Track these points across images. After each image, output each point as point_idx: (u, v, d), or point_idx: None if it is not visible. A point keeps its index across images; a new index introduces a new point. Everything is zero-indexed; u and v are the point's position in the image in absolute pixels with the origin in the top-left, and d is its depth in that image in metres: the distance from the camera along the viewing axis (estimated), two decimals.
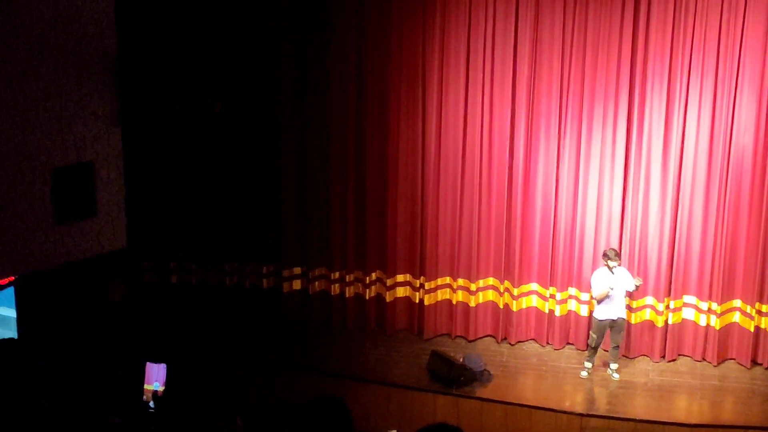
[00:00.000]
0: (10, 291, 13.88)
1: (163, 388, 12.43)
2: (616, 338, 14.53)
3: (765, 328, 14.94)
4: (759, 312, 14.90)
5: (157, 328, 15.27)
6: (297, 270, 16.50)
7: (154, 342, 14.27)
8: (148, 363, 12.83)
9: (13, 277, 13.51)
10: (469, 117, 15.35)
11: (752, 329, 14.92)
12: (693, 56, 14.46)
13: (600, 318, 14.39)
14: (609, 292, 14.13)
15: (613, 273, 14.14)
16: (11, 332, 13.99)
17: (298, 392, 14.22)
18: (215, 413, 12.06)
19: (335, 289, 16.37)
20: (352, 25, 15.46)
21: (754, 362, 15.10)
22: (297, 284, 16.55)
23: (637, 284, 14.31)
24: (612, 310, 14.28)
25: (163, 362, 12.70)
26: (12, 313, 14.22)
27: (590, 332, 14.66)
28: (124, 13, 13.90)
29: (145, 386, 12.56)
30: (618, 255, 14.30)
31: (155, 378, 12.72)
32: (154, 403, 11.17)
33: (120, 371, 12.99)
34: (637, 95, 14.76)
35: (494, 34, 15.07)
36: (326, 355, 15.57)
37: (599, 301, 14.31)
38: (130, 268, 16.08)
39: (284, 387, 14.60)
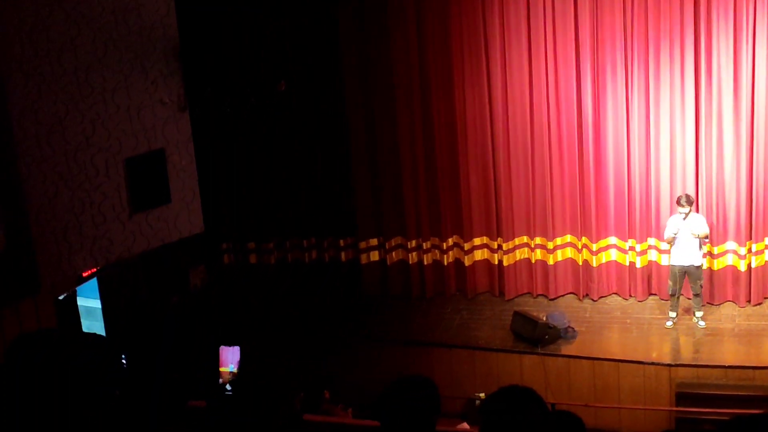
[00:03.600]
0: (94, 282, 14.07)
1: (237, 370, 12.58)
2: (694, 286, 14.37)
3: None
4: None
5: (237, 310, 15.41)
6: (373, 241, 16.55)
7: (230, 325, 14.42)
8: (222, 346, 12.98)
9: (96, 269, 13.69)
10: (534, 75, 15.25)
11: None
12: None
13: (672, 263, 14.32)
14: (674, 236, 14.00)
15: (685, 219, 13.99)
16: (98, 322, 14.19)
17: (383, 364, 14.29)
18: (300, 391, 12.14)
19: (413, 257, 16.39)
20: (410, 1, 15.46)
21: None
22: (375, 255, 16.61)
23: (700, 235, 14.12)
24: (682, 256, 14.14)
25: (237, 345, 12.84)
26: (97, 303, 14.42)
27: (669, 280, 14.54)
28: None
29: (221, 369, 12.72)
30: (689, 201, 14.09)
31: (230, 361, 12.87)
32: (231, 386, 11.29)
33: (199, 356, 13.15)
34: (703, 37, 14.54)
35: None
36: (409, 324, 15.61)
37: (670, 245, 14.22)
38: (209, 252, 16.21)
39: (369, 360, 14.67)
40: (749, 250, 15.01)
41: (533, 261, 15.94)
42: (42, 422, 3.13)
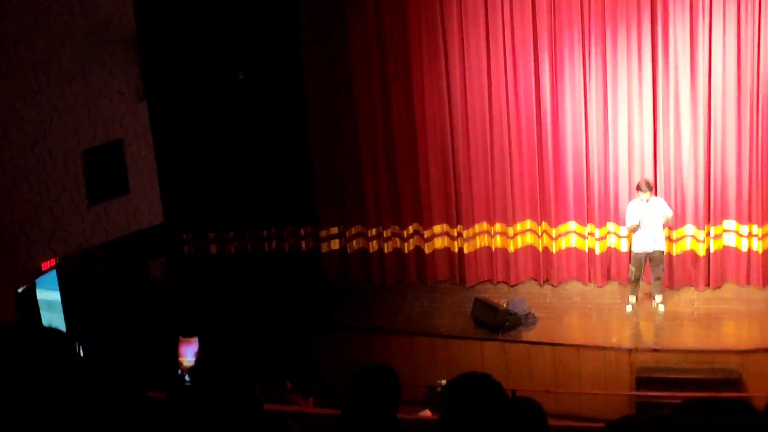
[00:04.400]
0: (53, 274, 13.99)
1: (194, 361, 12.55)
2: (656, 270, 14.46)
3: None
4: None
5: (197, 300, 15.36)
6: (334, 230, 16.55)
7: (189, 316, 14.37)
8: (180, 338, 12.95)
9: (55, 261, 13.62)
10: (492, 62, 15.27)
11: None
12: None
13: (635, 250, 14.34)
14: (638, 223, 14.05)
15: (646, 204, 14.04)
16: (58, 315, 14.11)
17: (345, 352, 14.31)
18: (262, 381, 12.13)
19: (373, 245, 16.39)
20: None
21: None
22: (335, 244, 16.61)
23: (666, 217, 14.20)
24: (646, 242, 14.16)
25: (195, 336, 12.81)
26: (57, 296, 14.34)
27: (629, 265, 14.62)
28: None
29: (180, 360, 12.69)
30: (649, 186, 14.14)
31: (188, 352, 12.85)
32: (190, 377, 11.26)
33: (158, 347, 13.10)
34: (660, 24, 14.60)
35: None
36: (369, 313, 15.62)
37: (633, 232, 14.27)
38: (169, 243, 16.15)
39: (331, 348, 14.68)
40: (708, 234, 15.12)
41: (493, 248, 15.98)
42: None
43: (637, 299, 14.69)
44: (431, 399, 13.37)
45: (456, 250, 16.10)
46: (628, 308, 14.71)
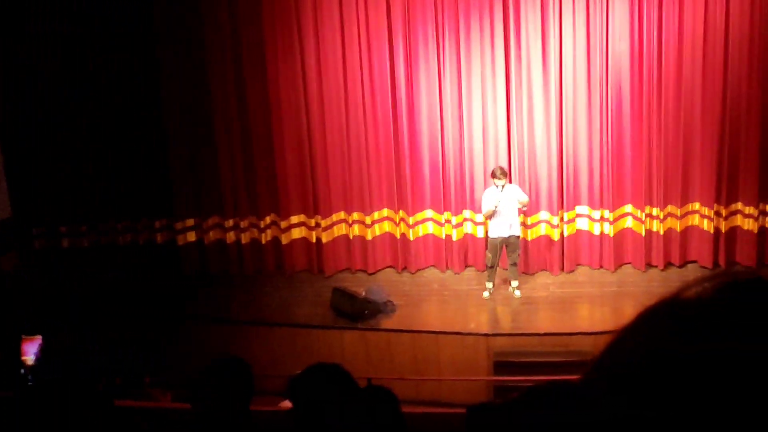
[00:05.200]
0: None
1: (35, 360, 12.25)
2: (513, 256, 14.63)
3: (656, 231, 15.25)
4: (649, 215, 15.19)
5: (46, 296, 15.00)
6: (190, 222, 16.35)
7: (33, 313, 14.03)
8: (23, 336, 12.63)
9: None
10: (347, 50, 15.28)
11: (644, 233, 15.22)
12: None
13: (492, 236, 14.48)
14: (495, 209, 14.18)
15: (502, 191, 14.18)
16: None
17: (204, 345, 14.14)
18: (121, 376, 11.92)
19: (231, 236, 16.26)
20: None
21: (649, 265, 15.41)
22: (192, 236, 16.41)
23: (523, 202, 14.37)
24: (502, 228, 14.31)
25: (38, 334, 12.50)
26: None
27: (486, 252, 14.77)
28: None
29: (24, 359, 12.38)
30: (504, 173, 14.30)
31: (31, 350, 12.54)
32: (33, 375, 11.00)
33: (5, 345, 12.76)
34: (512, 11, 14.83)
35: None
36: (228, 304, 15.50)
37: (489, 218, 14.39)
38: (19, 238, 15.75)
39: (188, 341, 14.50)
40: (561, 219, 15.40)
41: (351, 237, 16.00)
42: None
43: (493, 285, 14.84)
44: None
45: (314, 239, 16.08)
46: (485, 294, 14.86)
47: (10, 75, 14.69)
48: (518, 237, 14.57)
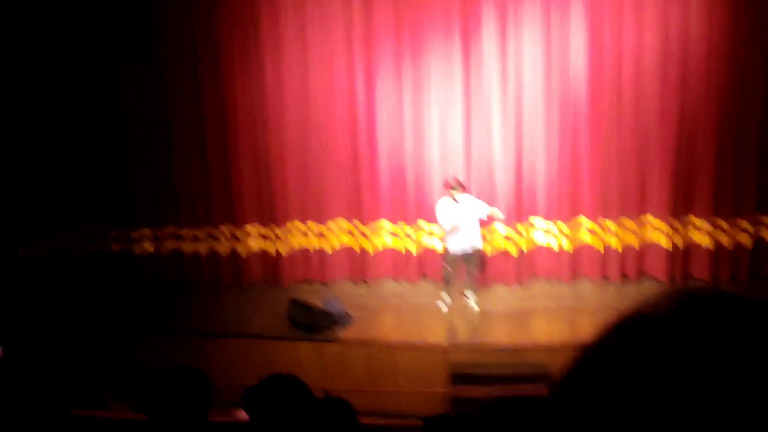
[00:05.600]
0: None
1: None
2: (470, 268, 14.66)
3: (612, 244, 15.32)
4: (605, 229, 15.27)
5: (5, 304, 14.87)
6: (146, 231, 16.26)
7: None
8: None
9: None
10: (307, 57, 15.26)
11: (600, 247, 15.30)
12: None
13: (453, 249, 14.49)
14: (456, 224, 14.20)
15: (457, 202, 14.20)
16: None
17: (159, 355, 14.05)
18: (77, 387, 11.82)
19: (187, 246, 16.18)
20: None
21: (605, 279, 15.48)
22: (148, 245, 16.32)
23: (496, 216, 14.40)
24: (464, 241, 14.37)
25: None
26: None
27: (444, 264, 14.79)
28: None
29: None
30: (460, 184, 14.33)
31: None
32: None
33: None
34: (471, 20, 14.89)
35: None
36: (184, 314, 15.41)
37: (449, 233, 14.41)
38: None
39: (145, 351, 14.40)
40: (518, 233, 15.45)
41: (308, 248, 15.97)
42: None
43: (451, 297, 14.86)
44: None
45: (272, 250, 16.03)
46: (443, 306, 14.87)
47: None
48: (478, 249, 14.61)
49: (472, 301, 14.84)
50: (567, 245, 15.40)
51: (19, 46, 15.25)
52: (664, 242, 15.26)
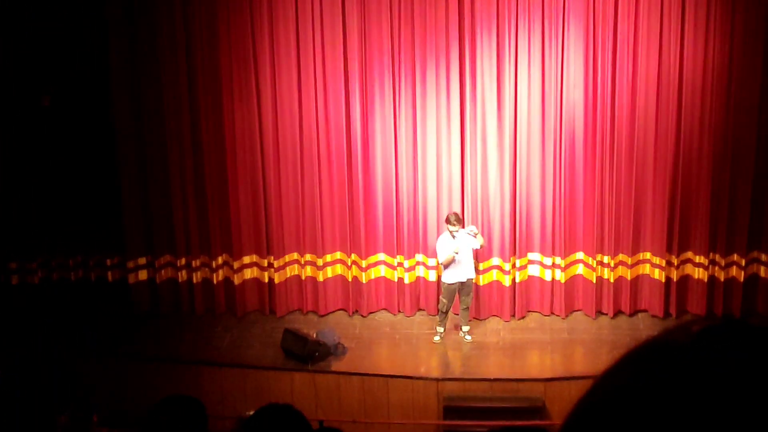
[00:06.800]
0: None
1: None
2: (466, 300, 14.69)
3: (607, 279, 15.36)
4: (600, 263, 15.31)
5: None
6: (142, 260, 16.23)
7: None
8: None
9: None
10: (303, 91, 15.28)
11: (594, 280, 15.33)
12: (519, 15, 14.74)
13: (449, 282, 14.52)
14: (455, 257, 14.27)
15: (454, 237, 14.27)
16: None
17: (154, 384, 14.03)
18: (68, 413, 11.79)
19: (183, 275, 16.15)
20: (179, 14, 15.24)
21: (599, 312, 15.51)
22: (143, 274, 16.28)
23: (478, 238, 14.41)
24: (460, 273, 14.41)
25: None
26: None
27: (440, 297, 14.81)
28: None
29: None
30: (459, 219, 14.41)
31: None
32: None
33: None
34: (467, 56, 14.94)
35: (322, 8, 15.03)
36: (178, 343, 15.39)
37: (446, 266, 14.46)
38: None
39: (139, 380, 14.39)
40: (513, 265, 15.48)
41: (303, 278, 15.96)
42: None
43: (444, 329, 14.87)
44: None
45: (266, 280, 16.01)
46: (436, 338, 14.88)
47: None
48: (473, 280, 14.66)
49: (465, 333, 14.85)
50: (561, 278, 15.42)
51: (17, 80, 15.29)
52: (658, 275, 15.30)
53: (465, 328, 14.89)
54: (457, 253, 14.21)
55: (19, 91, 15.50)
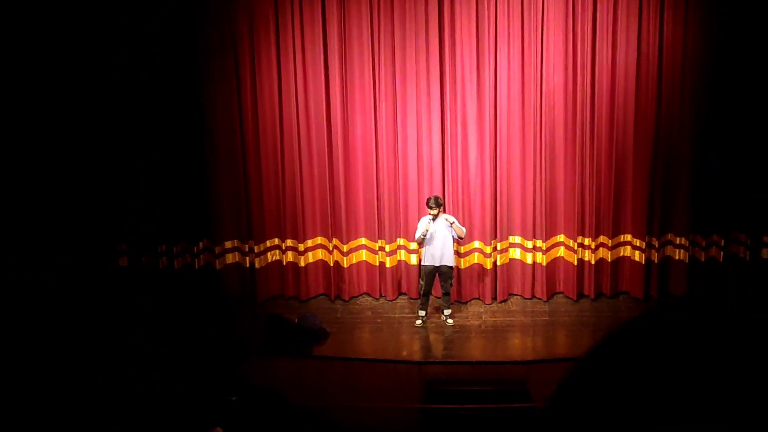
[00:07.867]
0: None
1: None
2: (445, 285, 14.72)
3: (588, 261, 15.41)
4: (581, 245, 15.36)
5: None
6: (122, 246, 16.16)
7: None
8: None
9: None
10: (283, 78, 15.25)
11: (576, 262, 15.39)
12: (498, 1, 14.74)
13: (423, 263, 14.61)
14: (424, 237, 14.31)
15: (434, 221, 14.31)
16: None
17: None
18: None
19: (163, 261, 16.09)
20: None
21: (581, 294, 15.56)
22: (124, 261, 16.22)
23: (454, 227, 14.43)
24: (434, 256, 14.45)
25: None
26: None
27: (419, 280, 14.85)
28: None
29: None
30: (438, 203, 14.41)
31: None
32: None
33: None
34: (447, 41, 14.95)
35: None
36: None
37: (421, 246, 14.52)
38: None
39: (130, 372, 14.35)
40: (494, 249, 15.51)
41: (284, 263, 15.95)
42: None
43: (426, 313, 14.89)
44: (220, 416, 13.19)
45: (247, 265, 15.98)
46: (418, 322, 14.90)
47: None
48: (450, 267, 14.66)
49: (447, 316, 14.87)
50: (542, 261, 15.48)
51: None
52: (638, 257, 15.35)
53: (446, 312, 14.91)
54: (425, 234, 14.24)
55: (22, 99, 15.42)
